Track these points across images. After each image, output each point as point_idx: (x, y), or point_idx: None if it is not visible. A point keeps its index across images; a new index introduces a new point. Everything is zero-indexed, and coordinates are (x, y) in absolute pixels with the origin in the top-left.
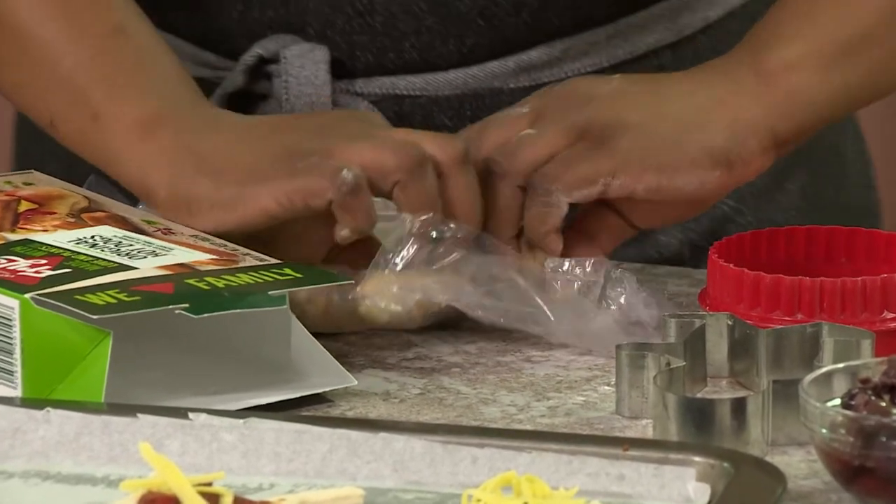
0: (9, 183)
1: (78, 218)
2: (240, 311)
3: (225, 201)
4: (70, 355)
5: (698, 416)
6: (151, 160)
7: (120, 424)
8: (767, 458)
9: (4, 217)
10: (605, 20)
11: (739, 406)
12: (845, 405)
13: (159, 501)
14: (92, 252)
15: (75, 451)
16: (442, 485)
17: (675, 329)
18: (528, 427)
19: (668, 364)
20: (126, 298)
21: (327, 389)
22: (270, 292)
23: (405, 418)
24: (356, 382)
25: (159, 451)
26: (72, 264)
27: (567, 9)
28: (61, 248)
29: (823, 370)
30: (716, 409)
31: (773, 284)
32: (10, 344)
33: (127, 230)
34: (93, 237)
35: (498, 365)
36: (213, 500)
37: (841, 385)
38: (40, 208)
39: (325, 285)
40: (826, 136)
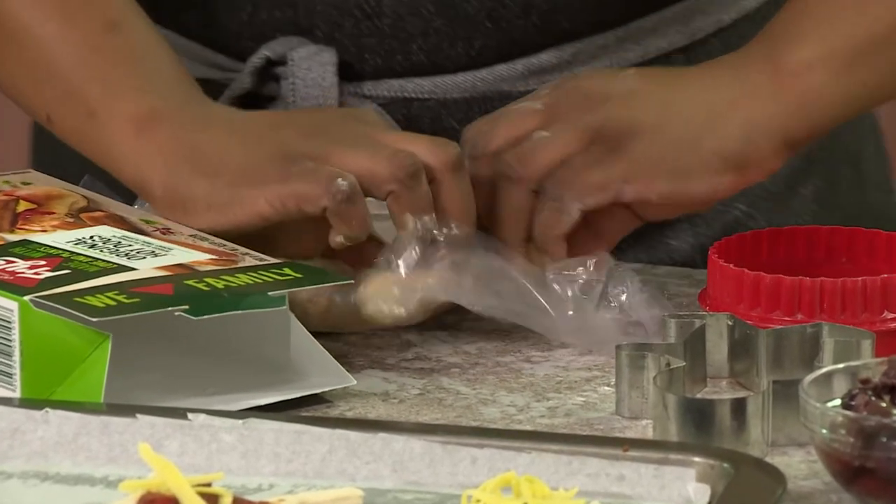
0: (7, 182)
1: (77, 218)
2: (239, 311)
3: (220, 203)
4: (69, 358)
5: (698, 417)
6: (147, 157)
7: (119, 425)
8: (767, 459)
9: (3, 217)
10: (616, 23)
11: (739, 406)
12: (845, 406)
13: (158, 502)
14: (91, 253)
15: (74, 452)
16: (441, 485)
17: (675, 329)
18: (528, 427)
19: (668, 364)
20: (125, 300)
21: (326, 390)
22: (270, 293)
23: (404, 419)
24: (355, 383)
25: (158, 451)
26: (71, 265)
27: (577, 12)
28: (60, 249)
29: (823, 370)
30: (716, 410)
31: (774, 284)
32: (10, 346)
33: (126, 230)
34: (92, 237)
35: (497, 365)
36: (213, 500)
37: (841, 385)
38: (39, 208)
39: (325, 285)
40: (844, 139)
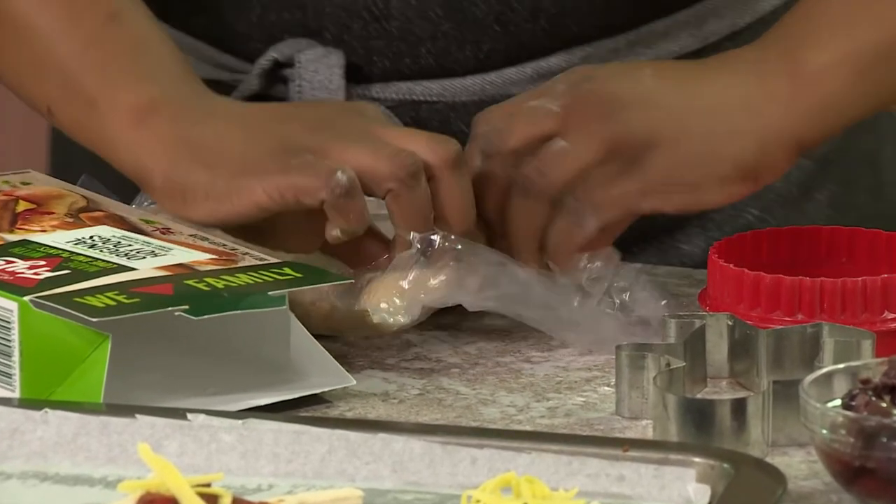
0: (6, 182)
1: (76, 218)
2: (239, 311)
3: (219, 192)
4: (69, 358)
5: (698, 417)
6: (147, 147)
7: (118, 425)
8: (768, 459)
9: (2, 217)
10: (626, 27)
11: (739, 407)
12: (846, 406)
13: (158, 502)
14: (91, 253)
15: (73, 452)
16: (441, 486)
17: (675, 329)
18: (528, 428)
19: (668, 364)
20: (125, 300)
21: (326, 390)
22: (270, 293)
23: (404, 419)
24: (355, 383)
25: (158, 451)
26: (71, 265)
27: (586, 16)
28: (60, 249)
29: (824, 371)
30: (716, 410)
31: (774, 284)
32: (9, 346)
33: (125, 230)
34: (91, 237)
35: (497, 365)
36: (212, 500)
37: (841, 386)
38: (38, 208)
39: (325, 285)
40: (861, 141)
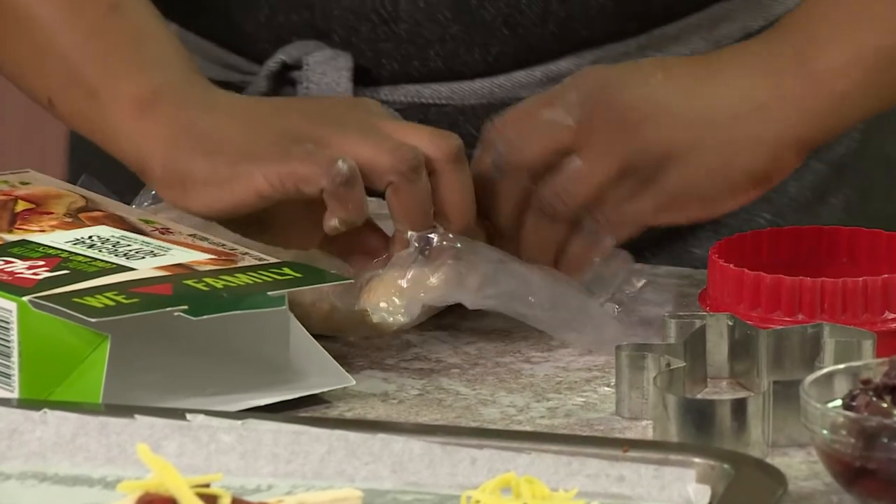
0: (5, 182)
1: (75, 218)
2: (239, 312)
3: (219, 179)
4: (68, 358)
5: (698, 418)
6: (148, 137)
7: (117, 425)
8: (768, 460)
9: (1, 217)
10: (638, 31)
11: (740, 407)
12: (846, 406)
13: (157, 503)
14: (90, 253)
15: (72, 453)
16: (441, 486)
17: (676, 329)
18: (528, 428)
19: (668, 365)
20: (124, 301)
21: (326, 390)
22: (269, 293)
23: (404, 419)
24: (354, 383)
25: (157, 452)
26: (70, 265)
27: (595, 20)
28: (59, 249)
29: (824, 371)
30: (716, 410)
31: (774, 285)
32: (8, 347)
33: (125, 230)
34: (90, 237)
35: (497, 366)
36: (211, 501)
37: (842, 386)
38: (37, 208)
39: (325, 285)
40: (879, 147)
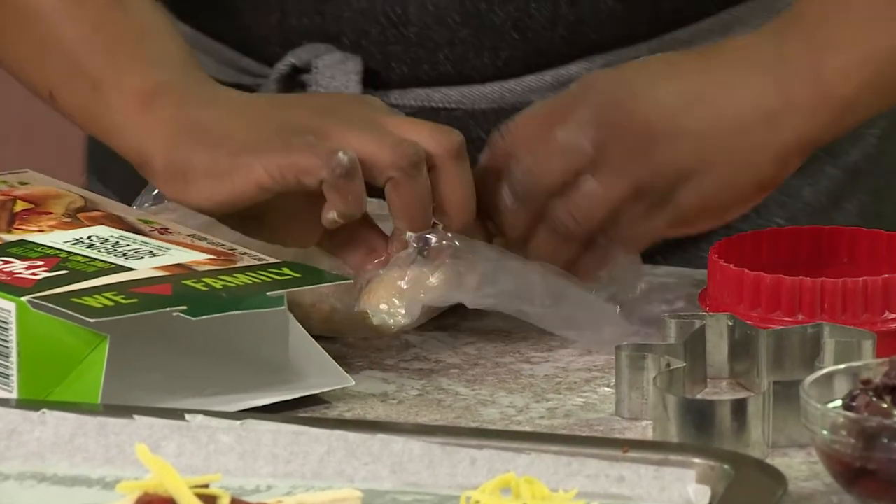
0: (4, 182)
1: (74, 218)
2: (238, 312)
3: (219, 170)
4: (67, 359)
5: (698, 418)
6: (150, 130)
7: (116, 426)
8: (768, 460)
9: (0, 217)
10: (648, 36)
11: (740, 407)
12: (846, 406)
13: (156, 503)
14: (88, 253)
15: (71, 453)
16: (440, 486)
17: (675, 330)
18: (527, 428)
19: (667, 365)
20: (123, 301)
21: (325, 390)
22: (268, 293)
23: (403, 420)
24: (354, 383)
25: (156, 452)
26: (68, 266)
27: (606, 24)
28: (58, 249)
29: (824, 371)
30: (716, 411)
31: (774, 285)
32: (7, 347)
33: (124, 230)
34: (89, 237)
35: (497, 366)
36: (210, 501)
37: (842, 386)
38: (36, 208)
39: (324, 287)
40: (894, 152)
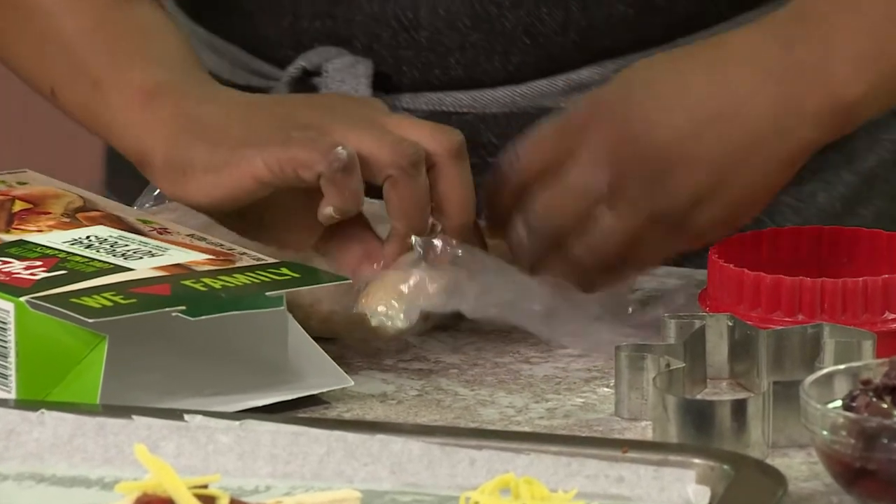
0: (2, 182)
1: (73, 218)
2: (237, 312)
3: (218, 165)
4: (65, 359)
5: (698, 418)
6: (151, 127)
7: (115, 426)
8: (768, 461)
9: None
10: (661, 40)
11: (740, 408)
12: (846, 407)
13: None
14: (87, 253)
15: (70, 453)
16: (440, 487)
17: (675, 330)
18: (527, 429)
19: (667, 365)
20: (122, 301)
21: (324, 391)
22: (268, 293)
23: (403, 420)
24: (353, 384)
25: (154, 452)
26: (67, 266)
27: (617, 29)
28: (56, 249)
29: (824, 371)
30: (716, 411)
31: (774, 285)
32: (5, 347)
33: (122, 230)
34: (88, 237)
35: (496, 366)
36: (209, 502)
37: (842, 386)
38: (35, 208)
39: (324, 288)
40: None
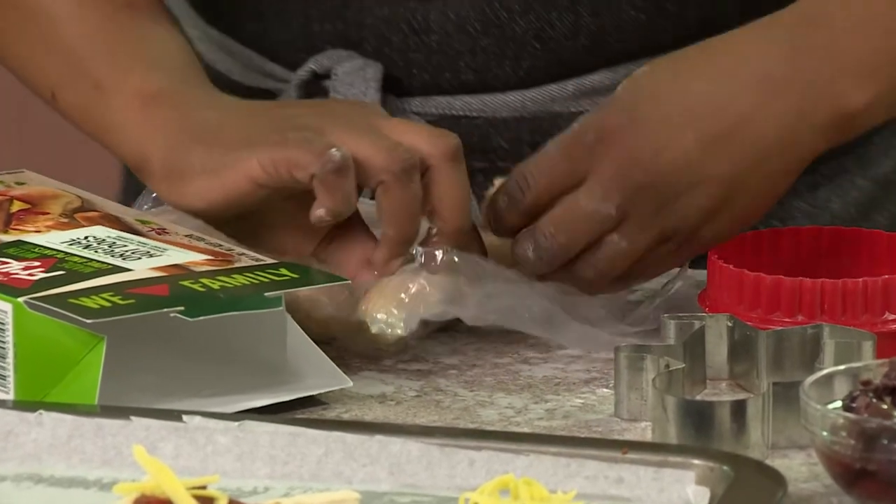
0: (1, 182)
1: (71, 218)
2: (235, 313)
3: (214, 166)
4: (64, 360)
5: (698, 419)
6: (150, 132)
7: (113, 427)
8: (767, 462)
9: None
10: (672, 45)
11: (739, 408)
12: (846, 407)
13: None
14: (85, 253)
15: (68, 454)
16: (439, 488)
17: (675, 330)
18: (526, 429)
19: (667, 366)
20: (120, 302)
21: (323, 391)
22: (266, 293)
23: (401, 421)
24: (352, 384)
25: (153, 453)
26: (65, 266)
27: (628, 33)
28: (55, 250)
29: (824, 372)
30: (715, 412)
31: (774, 285)
32: (3, 348)
33: (121, 230)
34: (86, 238)
35: (495, 367)
36: (208, 503)
37: (842, 387)
38: (33, 208)
39: (322, 295)
40: None
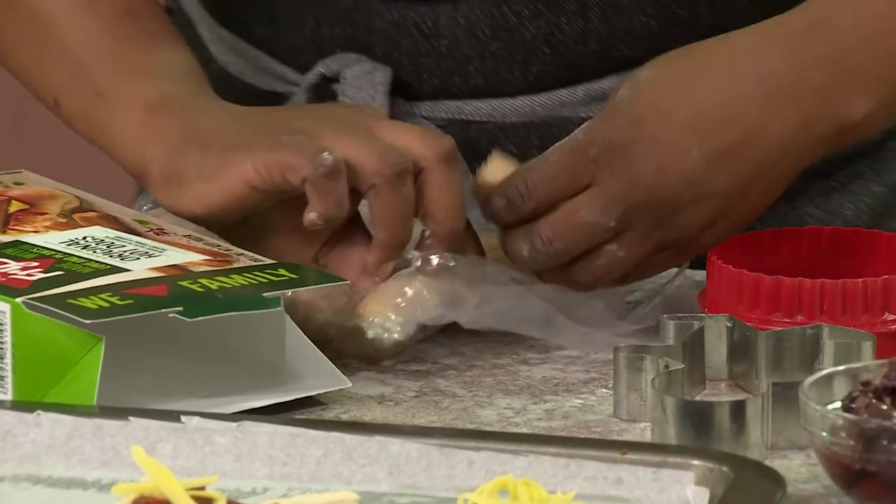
0: None
1: (69, 218)
2: (234, 313)
3: (210, 170)
4: (62, 360)
5: (697, 420)
6: (151, 139)
7: (112, 428)
8: (767, 462)
9: None
10: None
11: (739, 409)
12: (846, 408)
13: None
14: (84, 254)
15: (66, 455)
16: (438, 489)
17: (674, 331)
18: (525, 430)
19: (666, 366)
20: (119, 302)
21: (321, 392)
22: (265, 294)
23: (400, 421)
24: (351, 385)
25: (151, 454)
26: (64, 266)
27: (638, 39)
28: (53, 250)
29: (824, 373)
30: (715, 413)
31: (773, 286)
32: (1, 349)
33: (119, 230)
34: (85, 238)
35: (494, 367)
36: None
37: (841, 388)
38: (31, 209)
39: (321, 300)
40: None
